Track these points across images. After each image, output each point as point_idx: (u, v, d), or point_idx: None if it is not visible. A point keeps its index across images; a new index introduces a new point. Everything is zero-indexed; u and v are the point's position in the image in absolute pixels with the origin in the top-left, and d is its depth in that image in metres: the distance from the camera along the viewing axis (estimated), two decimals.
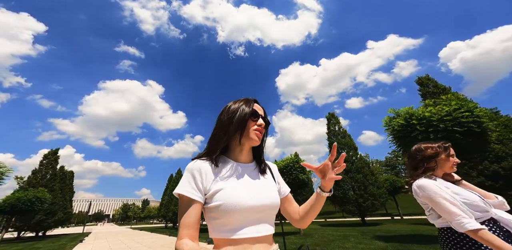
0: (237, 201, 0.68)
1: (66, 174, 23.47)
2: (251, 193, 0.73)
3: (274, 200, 0.77)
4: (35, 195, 14.57)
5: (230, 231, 0.68)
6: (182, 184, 0.72)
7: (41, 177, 18.53)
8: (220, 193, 0.70)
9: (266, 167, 0.88)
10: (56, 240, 14.30)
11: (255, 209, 0.70)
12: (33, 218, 16.16)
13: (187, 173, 0.74)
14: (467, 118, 5.15)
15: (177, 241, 0.65)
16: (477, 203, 1.09)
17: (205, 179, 0.73)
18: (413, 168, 1.34)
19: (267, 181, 0.83)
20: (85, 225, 27.46)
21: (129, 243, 11.17)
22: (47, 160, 19.20)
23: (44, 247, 10.30)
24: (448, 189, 1.14)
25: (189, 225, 0.67)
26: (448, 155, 1.30)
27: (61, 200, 19.68)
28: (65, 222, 20.74)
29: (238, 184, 0.74)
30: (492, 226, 1.06)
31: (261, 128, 0.81)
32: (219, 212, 0.68)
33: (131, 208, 76.32)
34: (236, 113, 0.80)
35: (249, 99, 0.86)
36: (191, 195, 0.69)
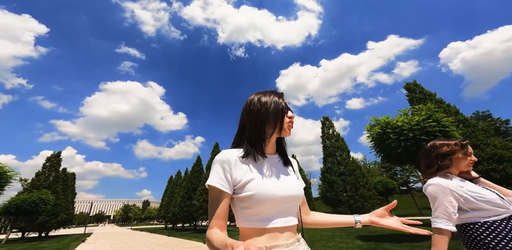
0: (269, 191, 0.70)
1: (68, 176, 24.07)
2: (280, 183, 0.75)
3: (300, 191, 0.79)
4: (39, 197, 15.16)
5: (260, 221, 0.70)
6: (212, 176, 0.74)
7: (44, 179, 19.10)
8: (252, 183, 0.71)
9: (289, 159, 0.90)
10: (59, 240, 14.85)
11: (284, 199, 0.72)
12: (37, 219, 16.71)
13: (216, 164, 0.76)
14: (434, 128, 5.67)
15: (208, 230, 0.70)
16: (495, 200, 1.07)
17: (234, 170, 0.74)
18: (427, 166, 1.30)
19: (291, 173, 0.85)
20: (86, 226, 28.00)
21: (129, 243, 11.71)
22: (50, 163, 19.78)
23: (48, 246, 10.83)
24: (462, 188, 1.13)
25: (219, 215, 0.70)
26: (465, 153, 1.25)
27: (63, 201, 20.24)
28: (67, 222, 21.29)
29: (267, 174, 0.76)
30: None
31: (292, 120, 0.84)
32: (251, 202, 0.70)
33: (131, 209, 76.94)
34: (272, 105, 0.81)
35: (278, 92, 0.87)
36: (220, 187, 0.71)
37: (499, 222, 1.04)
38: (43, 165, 19.70)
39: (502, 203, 1.07)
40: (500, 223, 1.04)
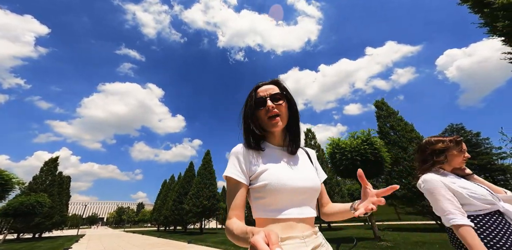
0: (282, 181, 0.71)
1: (64, 179, 25.02)
2: (295, 174, 0.75)
3: (316, 182, 0.78)
4: (36, 200, 16.11)
5: (274, 211, 0.71)
6: (229, 167, 0.77)
7: (41, 182, 20.08)
8: (266, 173, 0.73)
9: (302, 150, 0.91)
10: (54, 240, 15.82)
11: (299, 190, 0.73)
12: (33, 220, 17.64)
13: (232, 156, 0.79)
14: (367, 150, 7.02)
15: (227, 221, 0.71)
16: (485, 196, 1.10)
17: (249, 161, 0.78)
18: (422, 161, 1.33)
19: (306, 164, 0.84)
20: (79, 227, 28.75)
21: (120, 243, 12.79)
22: (47, 167, 20.78)
23: (44, 246, 11.85)
24: (454, 184, 1.15)
25: (237, 206, 0.72)
26: (460, 150, 1.27)
27: (58, 204, 21.18)
28: (61, 224, 22.18)
29: (281, 165, 0.78)
30: (498, 217, 1.08)
31: (273, 111, 0.80)
32: (265, 192, 0.71)
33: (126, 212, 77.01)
34: (247, 102, 0.85)
35: (252, 90, 0.87)
36: (237, 177, 0.74)
37: (482, 217, 1.08)
38: (41, 168, 20.69)
39: (491, 199, 1.10)
40: (484, 217, 1.08)
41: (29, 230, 18.86)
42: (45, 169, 20.89)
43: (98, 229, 53.80)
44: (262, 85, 0.87)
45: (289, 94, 0.87)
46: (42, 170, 20.76)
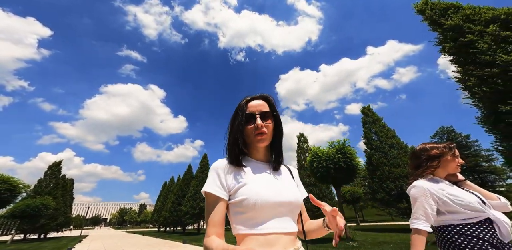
0: (260, 195, 0.70)
1: (67, 182, 25.97)
2: (274, 188, 0.74)
3: (296, 196, 0.77)
4: (41, 202, 17.04)
5: (254, 225, 0.69)
6: (208, 182, 0.76)
7: (45, 185, 21.03)
8: (244, 188, 0.72)
9: (285, 166, 0.91)
10: (58, 241, 16.72)
11: (279, 203, 0.71)
12: (38, 222, 18.55)
13: (212, 171, 0.78)
14: (340, 159, 7.78)
15: (205, 238, 0.69)
16: (472, 203, 1.11)
17: (229, 176, 0.77)
18: (415, 167, 1.34)
19: (288, 180, 0.84)
20: (82, 228, 29.72)
21: (120, 243, 13.64)
22: (51, 171, 21.74)
23: (49, 246, 12.72)
24: (443, 191, 1.17)
25: (216, 223, 0.70)
26: (454, 156, 1.29)
27: (62, 206, 22.11)
28: (65, 225, 23.12)
29: (261, 180, 0.77)
30: (488, 225, 1.09)
31: (259, 130, 0.80)
32: (244, 207, 0.70)
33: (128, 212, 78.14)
34: (234, 124, 0.84)
35: (241, 103, 0.86)
36: (217, 193, 0.73)
37: (472, 225, 1.09)
38: (45, 172, 21.66)
39: (479, 207, 1.10)
40: (472, 225, 1.09)
41: (35, 231, 19.79)
42: (49, 172, 21.85)
43: (101, 230, 54.91)
44: (252, 100, 0.87)
45: (277, 114, 0.88)
46: (46, 174, 21.72)
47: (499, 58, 4.55)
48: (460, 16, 5.88)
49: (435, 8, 6.60)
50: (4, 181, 9.57)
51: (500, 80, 4.52)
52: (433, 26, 6.61)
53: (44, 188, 20.70)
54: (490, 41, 5.01)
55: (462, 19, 5.83)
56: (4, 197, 9.62)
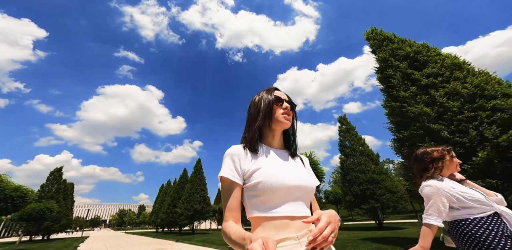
0: (275, 179, 0.71)
1: (68, 186, 27.36)
2: (288, 172, 0.76)
3: (310, 181, 0.79)
4: (45, 206, 18.44)
5: (269, 209, 0.71)
6: (223, 168, 0.78)
7: (48, 190, 22.44)
8: (259, 171, 0.74)
9: (296, 152, 0.93)
10: (62, 241, 18.15)
11: (294, 188, 0.73)
12: (43, 224, 19.95)
13: (226, 157, 0.80)
14: None
15: (223, 223, 0.72)
16: (482, 199, 1.25)
17: (243, 162, 0.78)
18: (423, 170, 1.47)
19: (301, 166, 0.86)
20: (83, 230, 31.09)
21: (119, 242, 15.10)
22: (53, 176, 23.14)
23: (55, 245, 14.14)
24: (454, 189, 1.30)
25: (232, 207, 0.72)
26: (452, 156, 1.45)
27: (64, 209, 23.50)
28: (67, 227, 24.51)
29: (276, 164, 0.79)
30: (497, 218, 1.23)
31: (287, 111, 0.86)
32: (258, 190, 0.71)
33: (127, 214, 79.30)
34: (261, 102, 0.87)
35: (269, 89, 0.93)
36: (232, 178, 0.74)
37: (486, 218, 1.22)
38: (47, 178, 23.06)
39: (488, 201, 1.25)
40: (486, 219, 1.22)
41: (40, 233, 21.18)
42: (51, 178, 23.23)
43: (101, 231, 56.18)
44: (278, 90, 0.94)
45: (295, 110, 0.94)
46: (49, 179, 23.11)
47: (402, 94, 6.02)
48: (388, 50, 7.21)
49: (376, 39, 7.89)
50: (17, 189, 10.97)
51: (400, 113, 6.00)
52: (374, 55, 7.93)
53: (47, 192, 22.09)
54: (400, 77, 6.40)
55: (389, 53, 7.15)
56: (17, 203, 11.00)
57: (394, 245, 6.33)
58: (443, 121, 4.87)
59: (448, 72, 5.40)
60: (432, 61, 5.95)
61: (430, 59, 6.05)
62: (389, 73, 6.79)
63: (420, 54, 6.34)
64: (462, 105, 4.68)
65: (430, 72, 5.67)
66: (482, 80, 4.84)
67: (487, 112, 4.31)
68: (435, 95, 5.16)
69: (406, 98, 5.86)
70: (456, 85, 4.91)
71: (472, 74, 5.23)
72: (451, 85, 4.99)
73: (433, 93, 5.23)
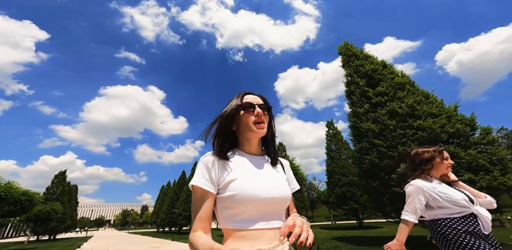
0: (250, 192, 0.69)
1: (72, 188, 28.60)
2: (264, 184, 0.74)
3: (285, 193, 0.77)
4: (51, 208, 19.59)
5: (241, 222, 0.70)
6: (196, 176, 0.74)
7: (53, 192, 23.64)
8: (234, 183, 0.71)
9: (277, 159, 0.89)
10: (67, 241, 19.29)
11: (268, 201, 0.71)
12: (49, 225, 21.12)
13: (200, 165, 0.76)
14: None
15: (191, 233, 0.69)
16: (459, 200, 1.32)
17: (218, 170, 0.75)
18: (413, 170, 1.58)
19: (278, 174, 0.83)
20: (87, 230, 32.33)
21: (120, 241, 16.16)
22: (57, 179, 24.35)
23: (61, 245, 15.21)
24: (434, 189, 1.39)
25: (203, 217, 0.70)
26: (442, 158, 1.50)
27: (68, 210, 24.68)
28: (72, 227, 25.73)
29: (251, 175, 0.76)
30: (472, 219, 1.31)
31: (260, 117, 0.81)
32: (233, 202, 0.69)
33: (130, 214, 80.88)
34: (228, 108, 0.83)
35: (239, 94, 0.88)
36: (204, 187, 0.71)
37: (458, 219, 1.31)
38: (52, 181, 24.28)
39: (464, 203, 1.32)
40: (458, 219, 1.31)
41: (46, 233, 22.38)
42: (56, 180, 24.44)
43: (105, 231, 57.58)
44: (250, 94, 0.88)
45: (271, 111, 0.89)
46: (53, 182, 24.31)
47: (358, 110, 6.87)
48: (353, 66, 7.91)
49: (346, 54, 8.57)
50: (24, 193, 12.04)
51: (356, 127, 6.85)
52: (343, 70, 8.59)
53: (52, 194, 23.28)
54: (358, 94, 7.16)
55: (353, 69, 7.86)
56: (25, 206, 12.08)
57: (354, 244, 7.21)
58: (383, 137, 5.74)
59: (393, 92, 6.23)
60: (384, 80, 6.73)
61: (382, 78, 6.83)
62: (352, 90, 7.62)
63: (376, 72, 7.10)
64: (397, 124, 5.55)
65: (380, 91, 6.49)
66: (416, 100, 5.70)
67: (413, 131, 5.18)
68: (380, 114, 6.02)
69: (361, 114, 6.72)
70: (395, 105, 5.76)
71: (412, 93, 6.06)
72: (392, 105, 5.85)
73: (379, 112, 6.09)
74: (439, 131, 4.87)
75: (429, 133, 4.93)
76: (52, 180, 24.44)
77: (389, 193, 5.19)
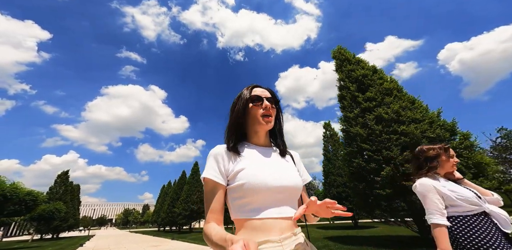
0: (260, 180, 0.70)
1: (74, 188, 29.09)
2: (273, 173, 0.75)
3: (296, 181, 0.77)
4: (54, 207, 20.01)
5: (252, 211, 0.70)
6: (207, 169, 0.76)
7: (56, 192, 24.09)
8: (243, 172, 0.72)
9: (286, 150, 0.90)
10: (70, 239, 19.73)
11: (278, 189, 0.72)
12: (52, 223, 21.57)
13: (210, 158, 0.78)
14: None
15: (205, 225, 0.70)
16: (471, 198, 1.26)
17: (227, 162, 0.77)
18: (418, 167, 1.50)
19: (288, 164, 0.84)
20: (90, 229, 32.85)
21: (121, 240, 16.54)
22: (60, 179, 24.80)
23: (65, 243, 15.62)
24: (444, 188, 1.31)
25: (215, 209, 0.71)
26: (448, 156, 1.43)
27: (71, 209, 25.14)
28: (75, 226, 26.21)
29: (260, 164, 0.77)
30: (484, 217, 1.25)
31: (267, 111, 0.83)
32: (242, 191, 0.70)
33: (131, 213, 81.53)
34: (238, 104, 0.85)
35: (248, 86, 0.89)
36: (215, 179, 0.73)
37: (470, 217, 1.25)
38: (55, 181, 24.74)
39: (477, 201, 1.26)
40: (471, 218, 1.25)
41: (49, 232, 22.85)
42: (59, 180, 24.89)
43: (107, 230, 58.20)
44: (258, 87, 0.90)
45: (279, 105, 0.91)
46: (56, 182, 24.76)
47: (348, 115, 7.13)
48: (346, 71, 8.09)
49: (339, 59, 8.74)
50: (29, 193, 12.43)
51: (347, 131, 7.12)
52: (337, 74, 8.75)
53: (55, 194, 23.74)
54: (349, 99, 7.40)
55: (345, 74, 8.05)
56: (30, 206, 12.47)
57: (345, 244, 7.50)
58: (370, 141, 6.02)
59: (381, 97, 6.50)
60: (373, 85, 6.99)
61: (372, 83, 7.08)
62: (343, 94, 7.87)
63: (366, 78, 7.34)
64: (383, 129, 5.82)
65: (369, 97, 6.76)
66: (402, 106, 5.97)
67: (397, 136, 5.45)
68: (368, 119, 6.30)
69: (351, 119, 6.99)
70: (382, 110, 6.04)
71: (398, 98, 6.33)
72: (379, 110, 6.12)
73: (367, 117, 6.37)
74: (421, 136, 5.14)
75: (411, 138, 5.20)
76: (55, 180, 24.90)
77: (374, 195, 5.47)
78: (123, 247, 11.07)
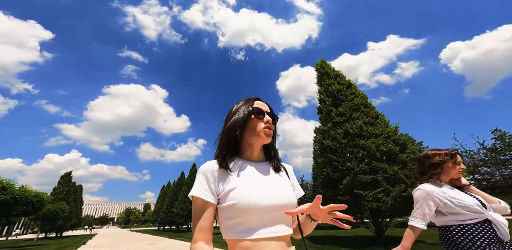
0: (251, 200, 0.68)
1: (77, 188, 30.14)
2: (265, 191, 0.72)
3: (289, 199, 0.75)
4: (58, 207, 20.99)
5: (244, 231, 0.68)
6: (196, 186, 0.73)
7: (59, 192, 25.10)
8: (234, 192, 0.70)
9: (280, 165, 0.88)
10: (74, 238, 20.73)
11: (271, 208, 0.70)
12: (56, 223, 22.59)
13: (200, 175, 0.75)
14: None
15: (192, 244, 0.67)
16: (472, 206, 1.23)
17: (218, 180, 0.74)
18: (421, 173, 1.48)
19: (282, 180, 0.82)
20: (92, 228, 33.86)
21: (121, 238, 17.50)
22: (63, 180, 25.81)
23: (68, 241, 16.57)
24: (444, 194, 1.31)
25: (204, 228, 0.68)
26: (455, 162, 1.39)
27: (74, 209, 26.16)
28: (77, 225, 27.24)
29: (252, 182, 0.74)
30: (486, 226, 1.22)
31: (269, 124, 0.82)
32: (234, 211, 0.68)
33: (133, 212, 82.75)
34: (237, 115, 0.82)
35: (249, 98, 0.88)
36: (204, 197, 0.70)
37: (472, 225, 1.22)
38: (58, 182, 25.77)
39: (478, 208, 1.23)
40: (472, 226, 1.21)
41: (53, 230, 23.89)
42: (62, 181, 25.90)
43: (109, 229, 59.35)
44: (259, 100, 0.89)
45: (276, 121, 0.90)
46: (60, 183, 25.78)
47: (323, 128, 7.95)
48: (325, 84, 8.79)
49: (321, 72, 9.44)
50: (36, 195, 13.39)
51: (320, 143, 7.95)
52: (317, 87, 9.44)
53: (59, 194, 24.76)
54: (325, 113, 8.16)
55: (324, 88, 8.75)
56: (37, 206, 13.43)
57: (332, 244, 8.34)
58: (337, 153, 6.85)
59: (349, 112, 7.30)
60: (345, 100, 7.74)
61: (344, 99, 7.83)
62: (321, 107, 8.66)
63: (340, 93, 8.08)
64: (348, 142, 6.65)
65: (341, 112, 7.55)
66: (365, 121, 6.77)
67: (357, 149, 6.28)
68: (337, 132, 7.12)
69: (324, 131, 7.81)
70: (348, 126, 6.86)
71: (364, 114, 7.11)
72: (346, 125, 6.94)
73: (337, 131, 7.18)
74: (375, 149, 5.96)
75: (368, 151, 6.03)
76: (59, 181, 25.91)
77: (338, 200, 6.30)
78: (122, 245, 11.98)
